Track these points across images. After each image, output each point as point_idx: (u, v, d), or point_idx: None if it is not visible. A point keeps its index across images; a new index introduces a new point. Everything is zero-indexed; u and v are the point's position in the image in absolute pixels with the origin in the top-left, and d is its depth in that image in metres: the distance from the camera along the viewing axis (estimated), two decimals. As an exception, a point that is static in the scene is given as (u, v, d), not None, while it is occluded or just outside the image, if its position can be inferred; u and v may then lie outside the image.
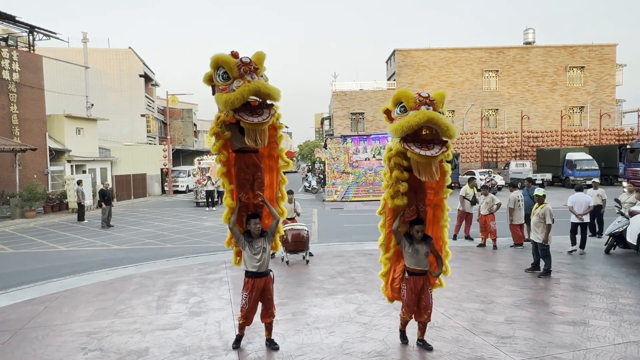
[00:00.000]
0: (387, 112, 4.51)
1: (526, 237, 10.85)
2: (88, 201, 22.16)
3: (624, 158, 24.86)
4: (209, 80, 4.33)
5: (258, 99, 4.24)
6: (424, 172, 4.20)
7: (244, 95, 3.99)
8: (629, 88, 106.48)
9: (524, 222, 10.70)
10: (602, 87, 40.59)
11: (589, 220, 10.39)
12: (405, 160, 4.37)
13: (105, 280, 8.54)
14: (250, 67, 4.14)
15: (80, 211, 18.13)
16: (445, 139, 4.15)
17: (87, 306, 6.95)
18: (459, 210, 11.91)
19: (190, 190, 31.21)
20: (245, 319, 4.87)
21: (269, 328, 5.09)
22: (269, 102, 4.30)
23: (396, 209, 4.65)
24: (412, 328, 5.15)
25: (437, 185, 4.71)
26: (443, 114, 4.30)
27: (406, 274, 4.87)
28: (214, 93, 4.40)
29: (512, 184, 11.44)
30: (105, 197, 16.21)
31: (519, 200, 10.60)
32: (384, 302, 6.64)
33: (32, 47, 23.88)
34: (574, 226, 10.24)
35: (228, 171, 4.74)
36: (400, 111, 4.30)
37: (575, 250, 10.08)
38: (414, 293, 4.81)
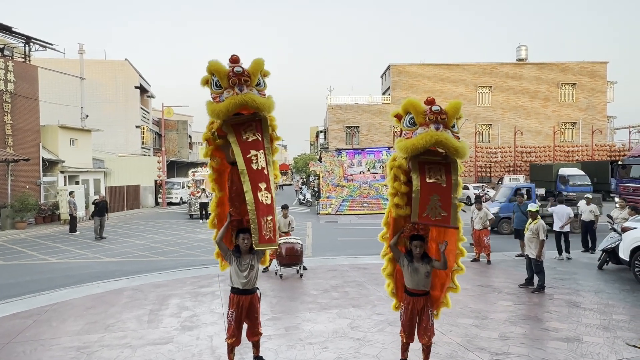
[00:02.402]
0: (398, 117, 4.34)
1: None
2: (81, 212, 21.98)
3: (615, 174, 25.08)
4: (206, 82, 4.31)
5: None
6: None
7: (229, 109, 3.99)
8: (620, 105, 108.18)
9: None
10: (594, 103, 41.18)
11: (569, 230, 11.22)
12: (404, 174, 4.29)
13: (96, 293, 8.43)
14: (240, 79, 4.07)
15: (72, 222, 17.98)
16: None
17: (77, 320, 6.85)
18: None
19: (184, 202, 31.06)
20: (234, 338, 4.66)
21: (256, 346, 4.97)
22: (262, 114, 4.28)
23: (397, 222, 4.54)
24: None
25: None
26: (460, 118, 4.15)
27: (405, 294, 4.63)
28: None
29: (476, 200, 11.77)
30: (98, 208, 16.16)
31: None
32: (378, 318, 6.63)
33: (27, 58, 23.90)
34: (558, 235, 11.11)
35: (219, 177, 4.69)
36: (409, 123, 4.09)
37: (562, 259, 10.99)
38: (412, 313, 4.55)
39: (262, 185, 4.18)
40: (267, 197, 4.21)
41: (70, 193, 18.47)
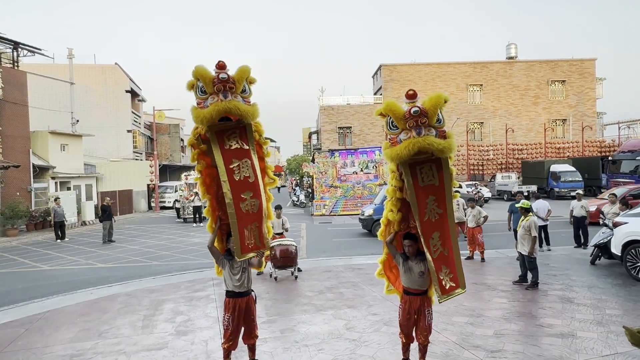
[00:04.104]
0: (383, 115, 4.23)
1: (459, 235, 11.92)
2: (72, 218, 21.78)
3: (606, 169, 25.34)
4: (192, 87, 4.30)
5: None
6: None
7: (212, 116, 4.00)
8: (609, 101, 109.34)
9: (462, 222, 11.90)
10: (583, 100, 41.57)
11: (548, 223, 11.83)
12: (400, 180, 4.28)
13: (89, 300, 8.35)
14: (225, 86, 4.08)
15: (56, 230, 17.36)
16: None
17: (70, 327, 6.78)
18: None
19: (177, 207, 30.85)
20: (230, 343, 4.62)
21: (252, 349, 4.92)
22: (246, 121, 4.28)
23: (392, 224, 4.53)
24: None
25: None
26: (446, 101, 4.04)
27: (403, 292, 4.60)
28: None
29: (469, 198, 12.58)
30: (106, 213, 16.09)
31: (458, 204, 12.34)
32: (373, 318, 6.63)
33: (16, 64, 23.67)
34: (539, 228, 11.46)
35: (209, 181, 4.67)
36: (392, 126, 4.04)
37: (547, 250, 11.65)
38: (409, 313, 4.51)
39: (247, 195, 4.21)
40: (253, 204, 4.24)
41: (56, 200, 18.02)
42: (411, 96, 4.04)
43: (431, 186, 4.08)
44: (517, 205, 8.70)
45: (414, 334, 4.62)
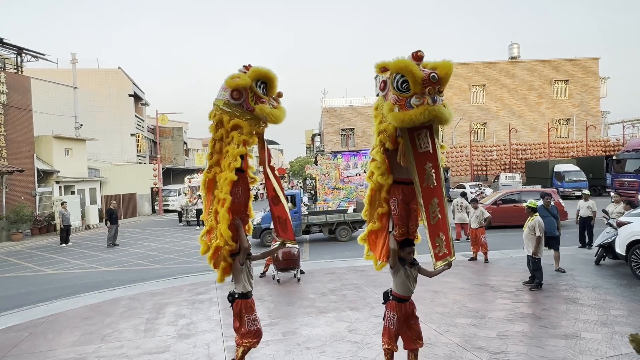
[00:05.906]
0: (384, 70, 3.94)
1: (462, 236, 13.57)
2: (77, 222, 21.86)
3: (610, 169, 25.16)
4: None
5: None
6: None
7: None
8: (613, 100, 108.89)
9: (465, 223, 12.80)
10: (587, 99, 41.34)
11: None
12: (392, 142, 4.12)
13: (92, 304, 8.37)
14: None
15: (61, 234, 17.46)
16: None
17: (72, 331, 6.79)
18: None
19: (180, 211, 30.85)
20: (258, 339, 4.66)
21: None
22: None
23: (374, 197, 4.44)
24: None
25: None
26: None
27: (393, 301, 4.39)
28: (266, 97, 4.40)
29: (462, 194, 14.01)
30: (112, 216, 16.18)
31: (458, 205, 13.29)
32: (376, 320, 6.60)
33: (20, 69, 23.83)
34: None
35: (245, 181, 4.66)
36: (402, 88, 3.68)
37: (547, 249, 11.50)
38: (406, 319, 4.36)
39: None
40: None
41: (62, 204, 18.14)
42: (420, 58, 3.77)
43: (427, 153, 3.98)
44: (525, 204, 8.61)
45: (407, 342, 4.41)
